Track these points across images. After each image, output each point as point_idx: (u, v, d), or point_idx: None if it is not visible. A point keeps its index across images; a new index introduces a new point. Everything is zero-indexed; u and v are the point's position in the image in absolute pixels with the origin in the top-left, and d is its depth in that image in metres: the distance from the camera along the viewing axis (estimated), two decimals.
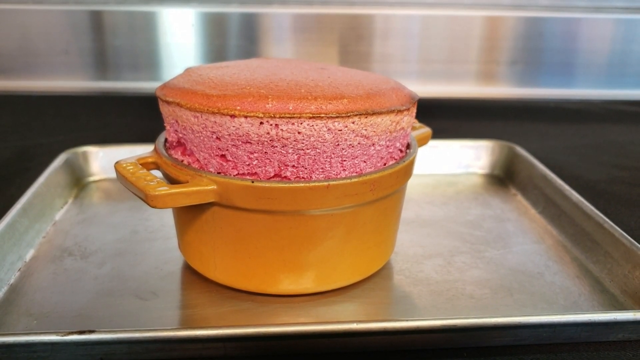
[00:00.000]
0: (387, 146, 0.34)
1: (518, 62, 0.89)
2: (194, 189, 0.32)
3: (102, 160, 0.53)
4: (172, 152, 0.36)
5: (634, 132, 0.72)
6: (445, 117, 0.76)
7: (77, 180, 0.52)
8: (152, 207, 0.31)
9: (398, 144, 0.36)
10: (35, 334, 0.29)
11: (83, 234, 0.43)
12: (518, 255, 0.42)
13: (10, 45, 0.84)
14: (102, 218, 0.46)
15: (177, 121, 0.34)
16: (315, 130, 0.31)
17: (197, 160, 0.34)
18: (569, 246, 0.43)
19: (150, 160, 0.36)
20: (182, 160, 0.35)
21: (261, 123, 0.31)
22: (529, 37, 0.88)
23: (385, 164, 0.35)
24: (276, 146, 0.31)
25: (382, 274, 0.39)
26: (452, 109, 0.80)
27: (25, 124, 0.71)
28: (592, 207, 0.43)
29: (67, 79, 0.87)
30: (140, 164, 0.35)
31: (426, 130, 0.44)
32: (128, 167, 0.34)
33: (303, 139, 0.31)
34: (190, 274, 0.38)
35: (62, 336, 0.28)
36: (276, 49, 0.88)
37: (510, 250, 0.43)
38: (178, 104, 0.33)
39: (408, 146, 0.38)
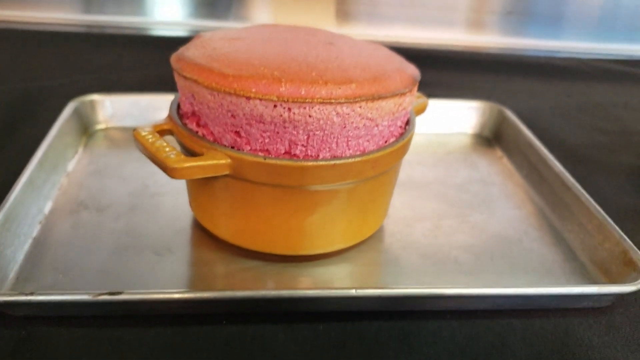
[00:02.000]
0: (389, 125, 0.37)
1: (512, 12, 0.90)
2: (210, 162, 0.34)
3: (108, 109, 0.55)
4: (187, 121, 0.38)
5: (617, 94, 0.75)
6: (435, 68, 0.76)
7: (85, 128, 0.54)
8: (171, 177, 0.34)
9: (399, 122, 0.38)
10: (69, 293, 0.32)
11: (96, 187, 0.46)
12: (500, 221, 0.46)
13: None
14: (112, 169, 0.48)
15: (193, 95, 0.36)
16: (324, 113, 0.33)
17: (212, 132, 0.36)
18: (548, 213, 0.47)
19: (165, 127, 0.38)
20: (197, 132, 0.37)
21: (275, 106, 0.33)
22: None
23: (386, 142, 0.38)
24: (287, 127, 0.34)
25: (376, 236, 0.43)
26: (442, 60, 0.81)
27: (23, 63, 0.71)
28: (572, 179, 0.46)
29: (54, 11, 0.87)
30: (157, 132, 0.37)
31: (423, 100, 0.46)
32: (147, 137, 0.36)
33: (313, 122, 0.33)
34: (200, 230, 0.41)
35: (94, 297, 0.31)
36: None
37: (494, 215, 0.46)
38: (195, 81, 0.35)
39: (407, 122, 0.41)
